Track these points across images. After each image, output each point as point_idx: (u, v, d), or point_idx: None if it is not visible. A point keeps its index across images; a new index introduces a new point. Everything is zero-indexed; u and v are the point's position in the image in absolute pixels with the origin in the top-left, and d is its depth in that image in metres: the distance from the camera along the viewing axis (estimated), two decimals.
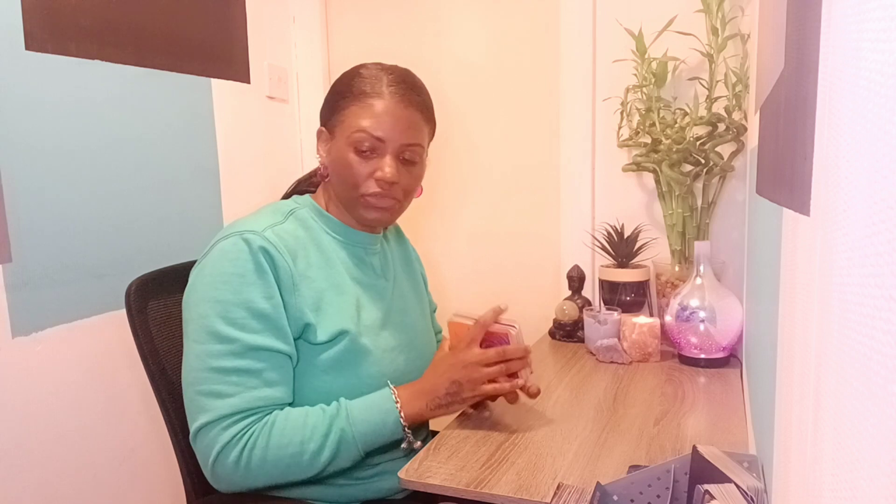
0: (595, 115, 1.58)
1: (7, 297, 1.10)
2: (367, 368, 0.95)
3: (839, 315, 0.31)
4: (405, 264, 1.17)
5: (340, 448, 0.89)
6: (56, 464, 1.20)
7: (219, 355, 0.86)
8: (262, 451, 0.86)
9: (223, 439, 0.85)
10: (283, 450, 0.86)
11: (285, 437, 0.86)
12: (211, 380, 0.86)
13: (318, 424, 0.88)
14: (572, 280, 1.53)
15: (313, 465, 0.88)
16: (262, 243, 0.89)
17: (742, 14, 1.38)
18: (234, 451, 0.85)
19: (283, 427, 0.87)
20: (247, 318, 0.87)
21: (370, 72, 0.98)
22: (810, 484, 0.38)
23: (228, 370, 0.86)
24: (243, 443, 0.85)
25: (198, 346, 0.87)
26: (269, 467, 0.86)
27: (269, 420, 0.87)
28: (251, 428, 0.86)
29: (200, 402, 0.87)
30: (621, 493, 0.72)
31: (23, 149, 1.12)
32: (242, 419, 0.86)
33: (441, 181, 1.79)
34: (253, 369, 0.87)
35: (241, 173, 1.64)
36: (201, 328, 0.87)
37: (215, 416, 0.86)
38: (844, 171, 0.31)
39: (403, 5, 1.78)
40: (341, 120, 0.97)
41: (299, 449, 0.87)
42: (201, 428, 0.86)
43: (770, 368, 0.67)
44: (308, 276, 0.94)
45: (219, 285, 0.88)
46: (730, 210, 1.49)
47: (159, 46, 1.39)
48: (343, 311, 0.95)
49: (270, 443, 0.86)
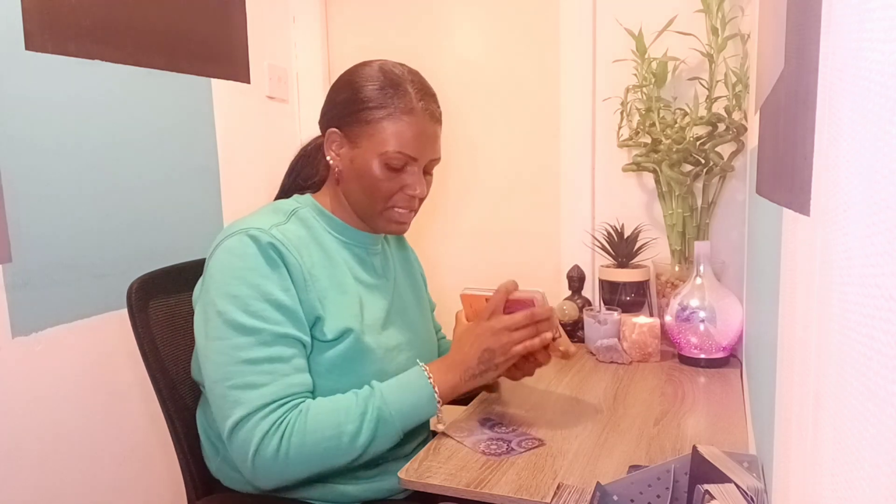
0: (595, 115, 1.58)
1: (7, 297, 1.10)
2: (370, 367, 0.95)
3: (839, 315, 0.31)
4: (404, 264, 1.17)
5: (378, 428, 0.88)
6: (56, 463, 1.20)
7: (247, 347, 0.85)
8: (300, 438, 0.84)
9: (261, 430, 0.84)
10: (321, 433, 0.85)
11: (322, 422, 0.85)
12: (242, 372, 0.85)
13: (352, 407, 0.88)
14: (572, 280, 1.53)
15: (353, 447, 0.86)
16: (270, 239, 0.89)
17: (742, 14, 1.38)
18: (273, 441, 0.84)
19: (318, 412, 0.86)
20: (268, 309, 0.87)
21: (396, 79, 0.96)
22: (810, 484, 0.38)
23: (259, 360, 0.85)
24: (281, 431, 0.84)
25: (221, 342, 0.86)
26: (308, 454, 0.85)
27: (303, 407, 0.86)
28: (287, 416, 0.85)
29: (234, 395, 0.85)
30: (621, 493, 0.72)
31: (23, 149, 1.12)
32: (278, 407, 0.85)
33: (441, 181, 1.79)
34: (284, 356, 0.87)
35: (241, 173, 1.64)
36: (223, 324, 0.86)
37: (252, 408, 0.84)
38: (844, 171, 0.31)
39: (404, 5, 1.78)
40: (370, 133, 0.95)
41: (336, 431, 0.85)
42: (238, 422, 0.84)
43: (770, 368, 0.67)
44: (313, 274, 0.94)
45: (232, 281, 0.87)
46: (730, 210, 1.49)
47: (159, 46, 1.39)
48: (347, 309, 0.95)
49: (308, 427, 0.85)
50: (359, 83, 0.97)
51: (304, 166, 1.08)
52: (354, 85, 0.97)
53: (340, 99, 0.98)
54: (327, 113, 1.01)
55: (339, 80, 1.01)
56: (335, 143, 0.99)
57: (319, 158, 1.06)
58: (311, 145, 1.09)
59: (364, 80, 0.97)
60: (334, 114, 0.99)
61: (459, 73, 1.74)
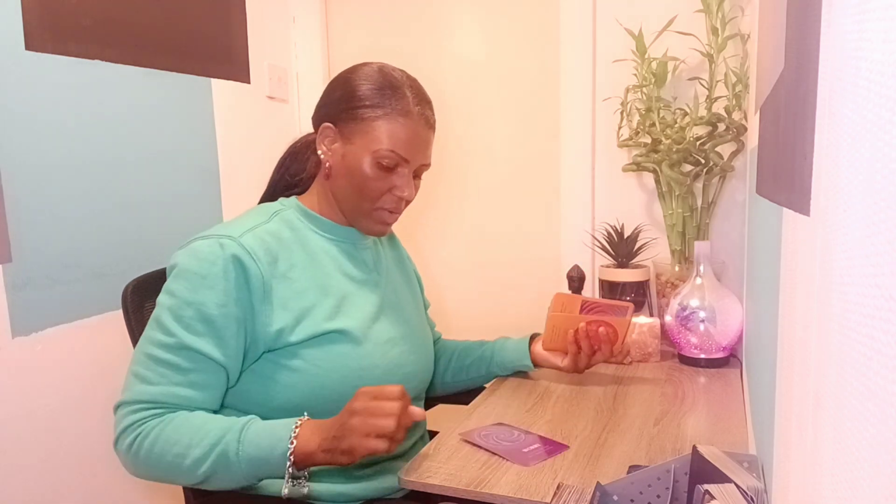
0: (595, 115, 1.58)
1: (7, 297, 1.10)
2: (360, 361, 0.95)
3: (839, 315, 0.31)
4: (397, 261, 1.17)
5: (221, 464, 0.83)
6: (56, 463, 1.20)
7: (157, 344, 0.87)
8: (150, 444, 0.84)
9: (127, 422, 0.86)
10: (169, 447, 0.84)
11: (176, 436, 0.84)
12: (143, 363, 0.88)
13: (211, 432, 0.84)
14: (572, 280, 1.53)
15: (193, 472, 0.83)
16: (236, 251, 0.89)
17: (742, 14, 1.38)
18: (130, 436, 0.86)
19: (180, 425, 0.85)
20: (193, 318, 0.87)
21: (395, 81, 0.97)
22: (810, 484, 0.38)
23: (159, 360, 0.87)
24: (137, 432, 0.85)
25: (148, 330, 0.90)
26: (154, 462, 0.85)
27: (170, 416, 0.86)
28: (151, 420, 0.86)
29: (128, 380, 0.89)
30: (621, 493, 0.72)
31: (23, 149, 1.12)
32: (150, 409, 0.86)
33: (441, 181, 1.79)
34: (181, 366, 0.87)
35: (241, 173, 1.64)
36: (155, 316, 0.90)
37: (131, 398, 0.87)
38: (844, 171, 0.31)
39: (403, 5, 1.78)
40: (364, 130, 0.95)
41: (184, 451, 0.84)
42: (118, 405, 0.88)
43: (770, 368, 0.67)
44: (289, 276, 0.93)
45: (180, 281, 0.89)
46: (730, 210, 1.49)
47: (159, 46, 1.39)
48: (325, 311, 0.95)
49: (161, 437, 0.84)
50: (357, 81, 0.97)
51: (292, 163, 1.09)
52: (353, 83, 0.98)
53: (337, 95, 0.99)
54: (322, 108, 1.01)
55: (338, 77, 1.01)
56: (328, 139, 0.99)
57: (308, 156, 1.07)
58: (301, 142, 1.10)
59: (363, 78, 0.97)
60: (330, 109, 0.99)
61: (459, 73, 1.74)
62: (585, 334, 1.13)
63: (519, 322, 1.70)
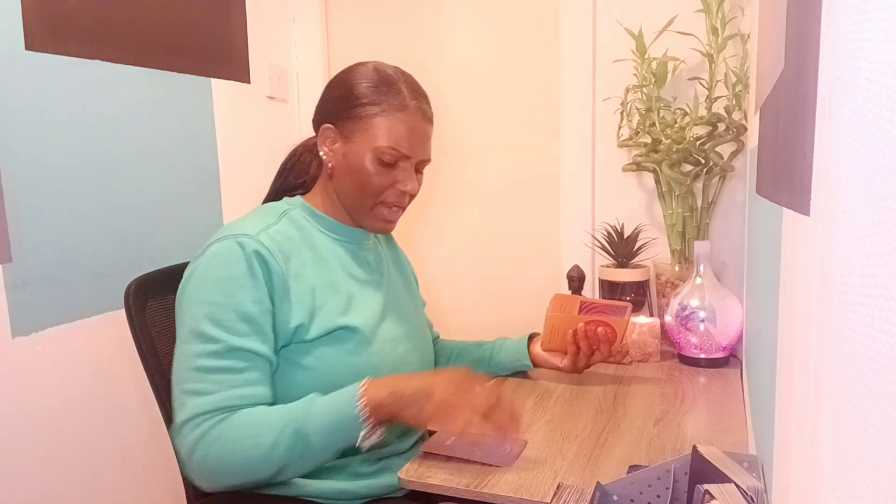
0: (595, 115, 1.58)
1: (7, 297, 1.10)
2: (369, 359, 0.96)
3: (839, 315, 0.31)
4: (396, 262, 1.18)
5: (295, 442, 0.84)
6: (56, 463, 1.20)
7: (204, 355, 0.87)
8: (220, 447, 0.84)
9: (194, 437, 0.85)
10: (240, 442, 0.84)
11: (242, 430, 0.84)
12: (193, 378, 0.87)
13: (277, 417, 0.85)
14: (572, 280, 1.53)
15: (269, 459, 0.84)
16: (256, 247, 0.90)
17: (742, 14, 1.38)
18: (200, 450, 0.85)
19: (242, 421, 0.85)
20: (234, 320, 0.87)
21: (390, 78, 0.98)
22: (810, 484, 0.38)
23: (211, 369, 0.86)
24: (208, 440, 0.84)
25: (186, 346, 0.88)
26: (228, 463, 0.84)
27: (231, 417, 0.85)
28: (218, 425, 0.85)
29: (182, 399, 0.87)
30: (621, 493, 0.72)
31: (23, 149, 1.12)
32: (213, 416, 0.85)
33: (441, 181, 1.79)
34: (235, 368, 0.87)
35: (241, 173, 1.64)
36: (190, 330, 0.88)
37: (191, 414, 0.85)
38: (844, 171, 0.31)
39: (403, 5, 1.78)
40: (364, 128, 0.97)
41: (254, 442, 0.84)
42: (180, 425, 0.86)
43: (770, 368, 0.67)
44: (302, 274, 0.94)
45: (209, 287, 0.88)
46: (730, 210, 1.49)
47: (159, 46, 1.39)
48: (336, 308, 0.96)
49: (228, 435, 0.84)
50: (354, 81, 0.99)
51: (293, 167, 1.10)
52: (349, 82, 0.99)
53: (335, 96, 1.01)
54: (321, 109, 1.03)
55: (335, 78, 1.03)
56: (329, 139, 1.01)
57: (310, 160, 1.09)
58: (302, 147, 1.11)
59: (359, 77, 0.99)
60: (329, 110, 1.01)
61: (459, 73, 1.74)
62: (584, 334, 1.14)
63: (518, 322, 1.70)
